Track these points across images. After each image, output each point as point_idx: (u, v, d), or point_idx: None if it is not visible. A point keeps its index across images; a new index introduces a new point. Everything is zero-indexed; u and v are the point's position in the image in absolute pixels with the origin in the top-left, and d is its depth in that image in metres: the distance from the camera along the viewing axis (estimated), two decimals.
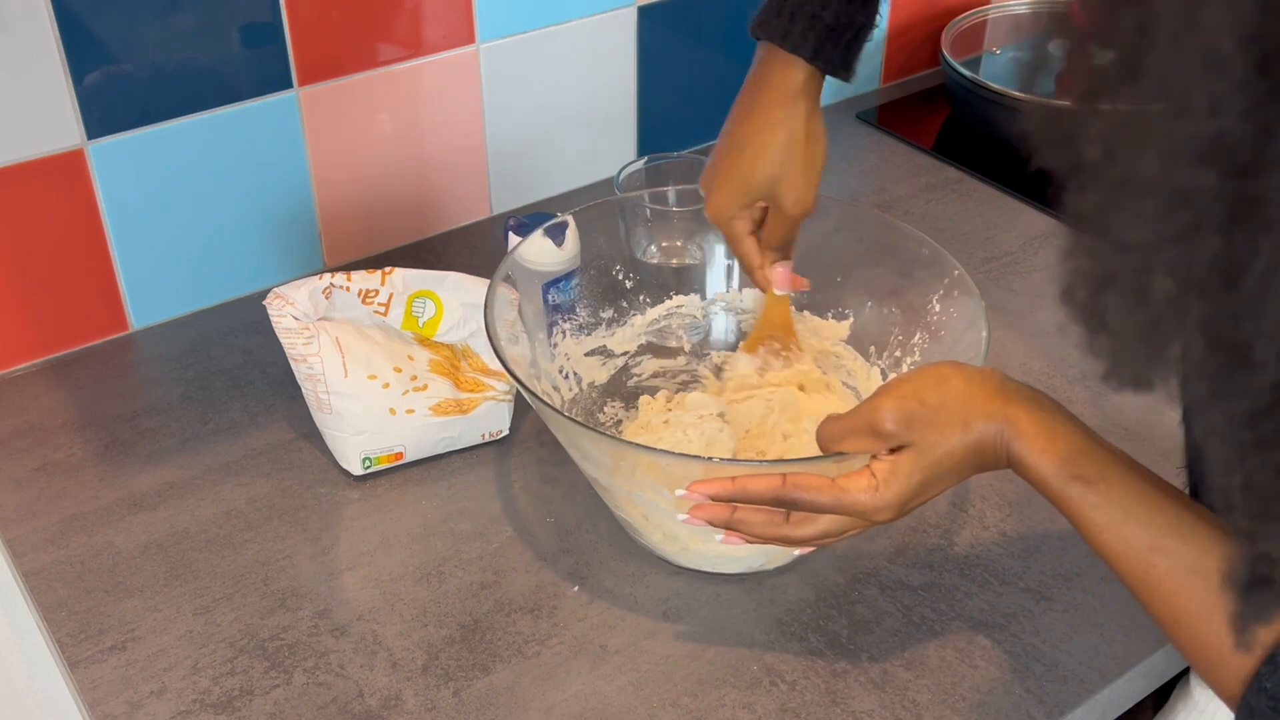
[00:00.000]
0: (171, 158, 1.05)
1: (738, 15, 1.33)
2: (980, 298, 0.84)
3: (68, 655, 0.82)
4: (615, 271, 0.99)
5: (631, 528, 0.86)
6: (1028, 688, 0.79)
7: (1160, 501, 0.63)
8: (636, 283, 0.99)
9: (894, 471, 0.68)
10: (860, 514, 0.69)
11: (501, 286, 0.87)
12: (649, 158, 1.09)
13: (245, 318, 1.11)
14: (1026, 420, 0.66)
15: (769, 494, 0.70)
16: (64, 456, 0.97)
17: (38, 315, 1.05)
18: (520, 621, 0.84)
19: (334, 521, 0.91)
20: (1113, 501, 0.63)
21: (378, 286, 0.95)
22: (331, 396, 0.91)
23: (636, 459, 0.79)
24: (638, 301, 1.00)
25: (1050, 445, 0.65)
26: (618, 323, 0.99)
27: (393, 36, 1.11)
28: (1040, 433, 0.66)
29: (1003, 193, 1.30)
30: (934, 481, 0.69)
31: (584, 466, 0.84)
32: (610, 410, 0.98)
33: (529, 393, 0.79)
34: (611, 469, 0.80)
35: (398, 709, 0.78)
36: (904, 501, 0.69)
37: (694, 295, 1.01)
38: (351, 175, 1.15)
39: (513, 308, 0.89)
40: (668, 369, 1.00)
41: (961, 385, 0.68)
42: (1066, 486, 0.65)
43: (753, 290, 0.97)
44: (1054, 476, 0.65)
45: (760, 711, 0.78)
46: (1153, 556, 0.61)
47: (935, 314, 0.89)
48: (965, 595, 0.86)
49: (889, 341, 0.93)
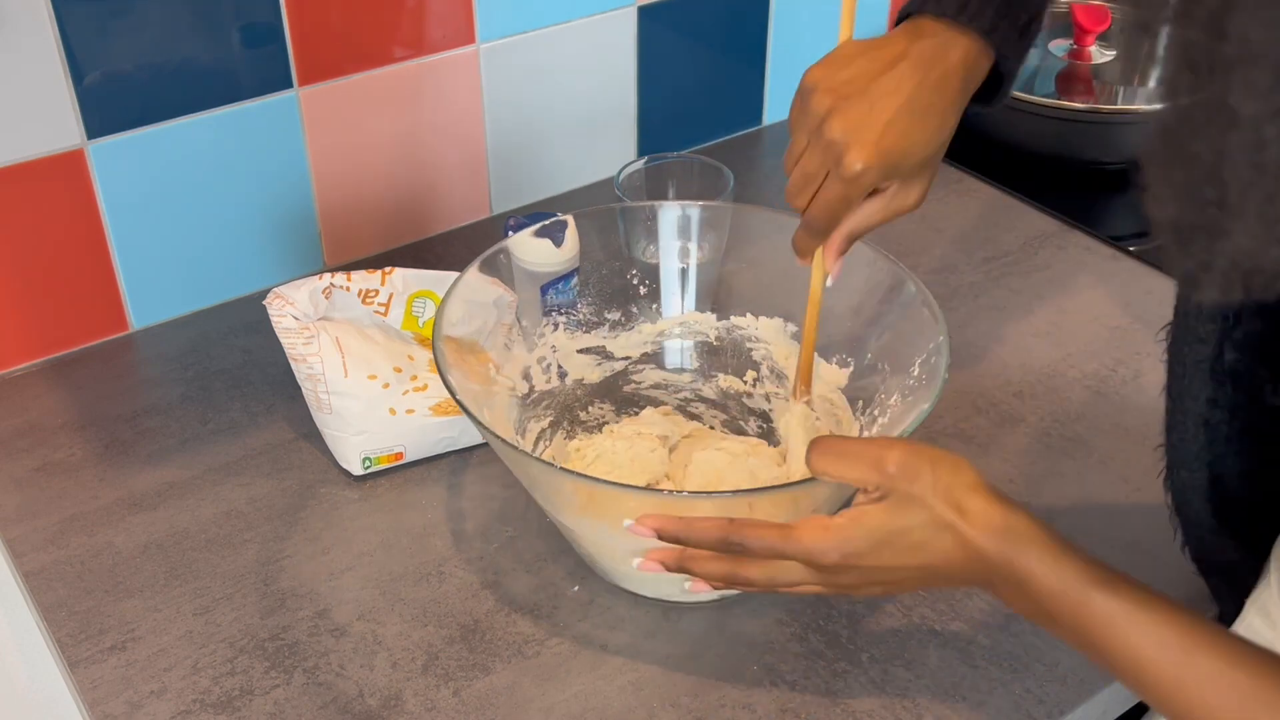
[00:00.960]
0: (171, 158, 1.05)
1: (738, 15, 1.33)
2: (944, 372, 0.79)
3: (68, 655, 0.82)
4: (630, 275, 0.97)
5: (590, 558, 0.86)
6: (1028, 688, 0.79)
7: (1180, 609, 0.60)
8: (650, 290, 0.98)
9: (855, 520, 0.65)
10: (804, 556, 0.66)
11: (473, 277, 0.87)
12: (649, 158, 1.09)
13: (245, 318, 1.11)
14: (1036, 529, 0.63)
15: (716, 534, 0.68)
16: (64, 456, 0.97)
17: (38, 315, 1.05)
18: (520, 621, 0.84)
19: (334, 521, 0.91)
20: (1136, 604, 0.60)
21: (378, 286, 0.95)
22: (331, 396, 0.91)
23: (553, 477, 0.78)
24: (649, 310, 0.98)
25: (1066, 550, 0.62)
26: (623, 326, 0.98)
27: (393, 36, 1.11)
28: (1052, 541, 0.63)
29: (1003, 193, 1.30)
30: (895, 549, 0.65)
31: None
32: (595, 410, 0.97)
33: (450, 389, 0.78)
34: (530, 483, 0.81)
35: (398, 709, 0.78)
36: (851, 553, 0.65)
37: (710, 314, 0.98)
38: (351, 175, 1.15)
39: (511, 310, 0.88)
40: (670, 382, 0.99)
41: (973, 479, 0.65)
42: (1087, 592, 0.61)
43: (773, 321, 0.95)
44: (1075, 582, 0.61)
45: (760, 711, 0.78)
46: (1189, 657, 0.58)
47: (914, 377, 0.85)
48: (965, 595, 0.86)
49: (874, 398, 0.89)
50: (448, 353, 0.81)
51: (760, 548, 0.67)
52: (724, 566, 0.70)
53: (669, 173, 1.10)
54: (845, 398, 0.91)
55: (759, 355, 0.97)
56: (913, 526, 0.64)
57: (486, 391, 0.88)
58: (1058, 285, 1.17)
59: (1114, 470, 0.96)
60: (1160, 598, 0.61)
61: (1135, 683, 0.61)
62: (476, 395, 0.85)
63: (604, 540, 0.80)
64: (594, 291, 0.97)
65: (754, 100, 1.40)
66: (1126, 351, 1.08)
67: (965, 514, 0.64)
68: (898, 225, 1.23)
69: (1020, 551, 0.63)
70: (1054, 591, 0.62)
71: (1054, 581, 0.62)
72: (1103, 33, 1.46)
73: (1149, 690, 0.60)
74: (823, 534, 0.66)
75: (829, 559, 0.66)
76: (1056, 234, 1.23)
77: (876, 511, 0.65)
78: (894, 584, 0.68)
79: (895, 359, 0.87)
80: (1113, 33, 1.48)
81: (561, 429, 0.95)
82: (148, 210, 1.06)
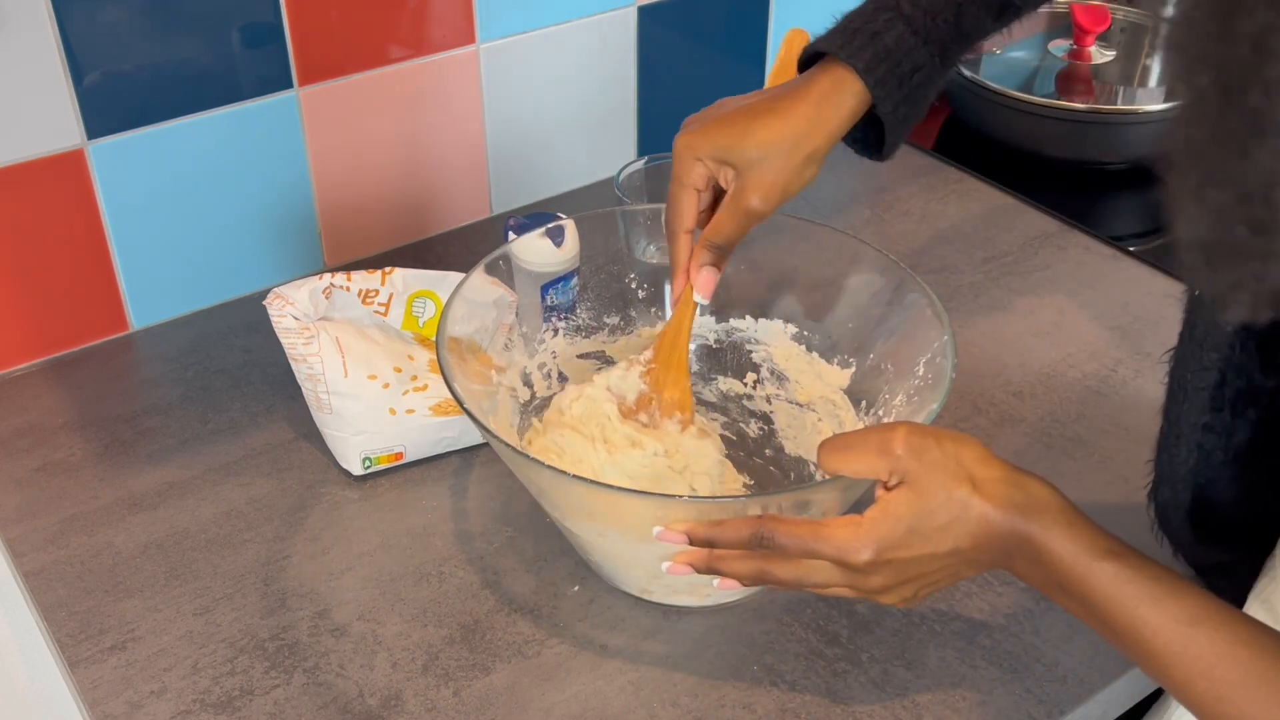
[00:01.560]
0: (171, 158, 1.05)
1: (738, 15, 1.33)
2: (950, 372, 0.79)
3: (68, 655, 0.82)
4: (629, 280, 0.97)
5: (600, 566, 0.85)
6: (1028, 688, 0.79)
7: (1189, 584, 0.61)
8: (649, 294, 0.97)
9: (883, 511, 0.65)
10: (836, 554, 0.66)
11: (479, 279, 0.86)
12: (649, 158, 1.09)
13: (245, 318, 1.11)
14: (1049, 496, 0.64)
15: (747, 532, 0.68)
16: (64, 456, 0.97)
17: (38, 315, 1.05)
18: (520, 621, 0.84)
19: (334, 521, 0.91)
20: (1146, 575, 0.61)
21: (378, 286, 0.96)
22: (331, 396, 0.91)
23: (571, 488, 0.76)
24: (648, 314, 0.98)
25: (1078, 520, 0.63)
26: (622, 330, 0.98)
27: (393, 36, 1.11)
28: (1065, 509, 0.63)
29: (1003, 193, 1.30)
30: (924, 535, 0.65)
31: None
32: None
33: (457, 398, 0.77)
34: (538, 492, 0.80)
35: (398, 709, 0.78)
36: (885, 546, 0.65)
37: (709, 317, 0.97)
38: (351, 175, 1.15)
39: (511, 310, 0.88)
40: None
41: (981, 451, 0.66)
42: (1097, 562, 0.61)
43: (772, 323, 0.95)
44: (1086, 551, 0.62)
45: (760, 711, 0.78)
46: (1194, 629, 0.59)
47: (919, 377, 0.85)
48: (965, 595, 0.86)
49: (878, 399, 0.89)
50: (451, 360, 0.81)
51: (791, 545, 0.67)
52: (754, 565, 0.69)
53: (669, 173, 1.10)
54: (848, 398, 0.91)
55: (759, 357, 0.97)
56: (936, 507, 0.64)
57: (489, 393, 0.88)
58: (1058, 285, 1.17)
59: (1114, 470, 0.96)
60: (1170, 572, 0.61)
61: (1140, 653, 0.61)
62: (479, 398, 0.85)
63: (614, 545, 0.80)
64: (593, 296, 0.97)
65: None
66: (1126, 351, 1.08)
67: (978, 485, 0.64)
68: (897, 225, 1.24)
69: (1033, 518, 0.63)
70: (1064, 559, 0.62)
71: (1065, 547, 0.62)
72: (1103, 33, 1.46)
73: (1153, 660, 0.60)
74: (854, 530, 0.65)
75: (862, 556, 0.65)
76: (1056, 234, 1.23)
77: (899, 497, 0.65)
78: (924, 578, 0.67)
79: (899, 359, 0.87)
80: (1113, 33, 1.48)
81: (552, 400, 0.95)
82: (148, 210, 1.06)
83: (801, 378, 0.94)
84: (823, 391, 0.93)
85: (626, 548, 0.79)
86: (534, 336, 0.94)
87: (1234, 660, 0.58)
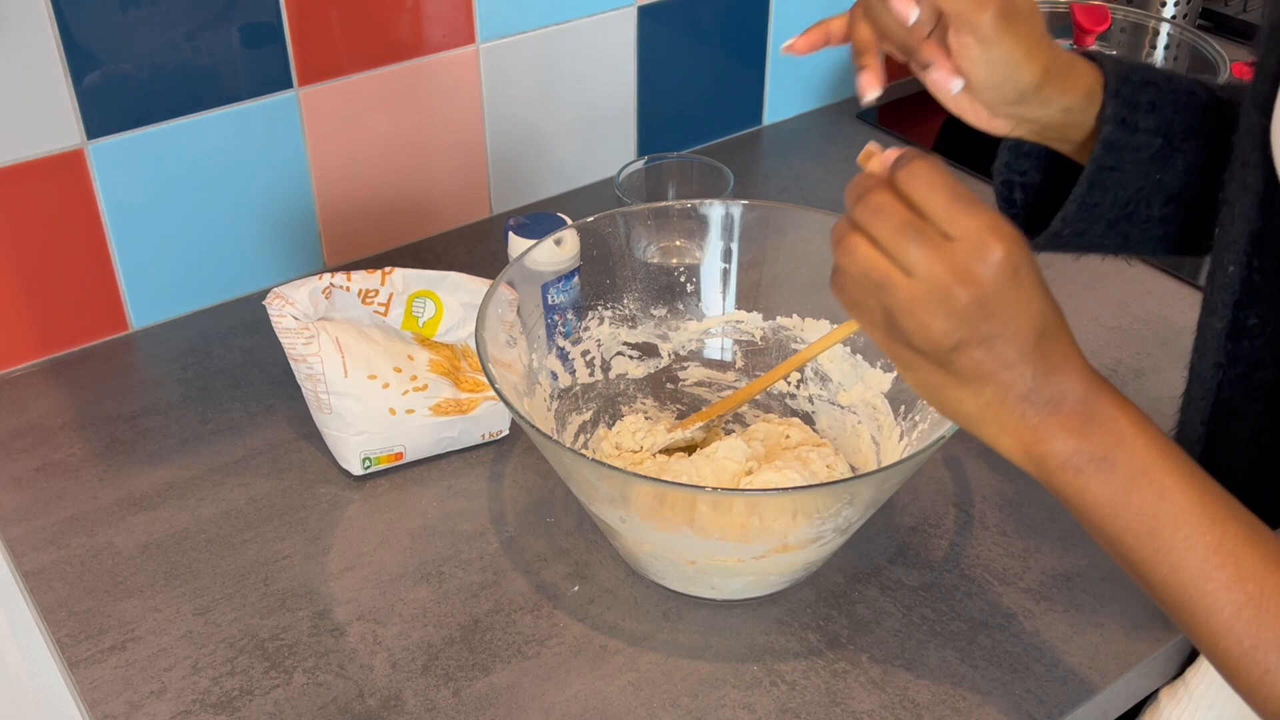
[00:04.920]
0: (171, 158, 1.05)
1: (738, 15, 1.33)
2: None
3: (68, 655, 0.82)
4: (678, 273, 0.97)
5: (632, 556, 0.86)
6: (1028, 688, 0.79)
7: None
8: (696, 287, 0.97)
9: (976, 243, 0.60)
10: (975, 240, 0.59)
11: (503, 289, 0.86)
12: (649, 158, 1.09)
13: (245, 318, 1.11)
14: (1103, 383, 0.65)
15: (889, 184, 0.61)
16: (64, 456, 0.97)
17: (38, 315, 1.05)
18: (520, 621, 0.84)
19: (334, 521, 0.91)
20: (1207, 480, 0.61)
21: (378, 286, 0.96)
22: (331, 396, 0.91)
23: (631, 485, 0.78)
24: (695, 307, 0.98)
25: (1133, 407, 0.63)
26: (667, 323, 0.97)
27: (393, 36, 1.11)
28: (1119, 396, 0.64)
29: None
30: (1018, 288, 0.61)
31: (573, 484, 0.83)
32: (640, 405, 0.97)
33: (512, 409, 0.78)
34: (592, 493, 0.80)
35: (398, 709, 0.78)
36: (1002, 282, 0.60)
37: (755, 314, 0.97)
38: (351, 175, 1.15)
39: (512, 309, 0.89)
40: (714, 380, 0.98)
41: None
42: (1157, 443, 0.62)
43: (819, 323, 0.95)
44: (1148, 430, 0.62)
45: (760, 711, 0.78)
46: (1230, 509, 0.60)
47: None
48: (965, 595, 0.86)
49: (915, 404, 0.88)
50: (495, 372, 0.81)
51: (930, 205, 0.60)
52: (877, 216, 0.60)
53: (669, 173, 1.10)
54: (888, 403, 0.91)
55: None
56: (1010, 249, 0.61)
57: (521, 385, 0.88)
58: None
59: None
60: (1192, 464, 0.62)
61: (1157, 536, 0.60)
62: (516, 388, 0.85)
63: (648, 536, 0.81)
64: (640, 287, 0.96)
65: (754, 100, 1.40)
66: (1126, 351, 1.08)
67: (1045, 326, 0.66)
68: None
69: (1110, 389, 0.64)
70: (1115, 436, 0.62)
71: (1132, 415, 0.63)
72: (1103, 32, 1.46)
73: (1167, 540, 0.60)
74: (996, 235, 0.60)
75: (994, 255, 0.60)
76: None
77: (970, 230, 0.60)
78: (1003, 336, 0.62)
79: None
80: (1113, 32, 1.48)
81: (602, 424, 0.96)
82: (148, 210, 1.06)
83: (844, 379, 0.94)
84: (864, 395, 0.93)
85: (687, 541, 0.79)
86: (546, 341, 0.94)
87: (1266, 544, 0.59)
